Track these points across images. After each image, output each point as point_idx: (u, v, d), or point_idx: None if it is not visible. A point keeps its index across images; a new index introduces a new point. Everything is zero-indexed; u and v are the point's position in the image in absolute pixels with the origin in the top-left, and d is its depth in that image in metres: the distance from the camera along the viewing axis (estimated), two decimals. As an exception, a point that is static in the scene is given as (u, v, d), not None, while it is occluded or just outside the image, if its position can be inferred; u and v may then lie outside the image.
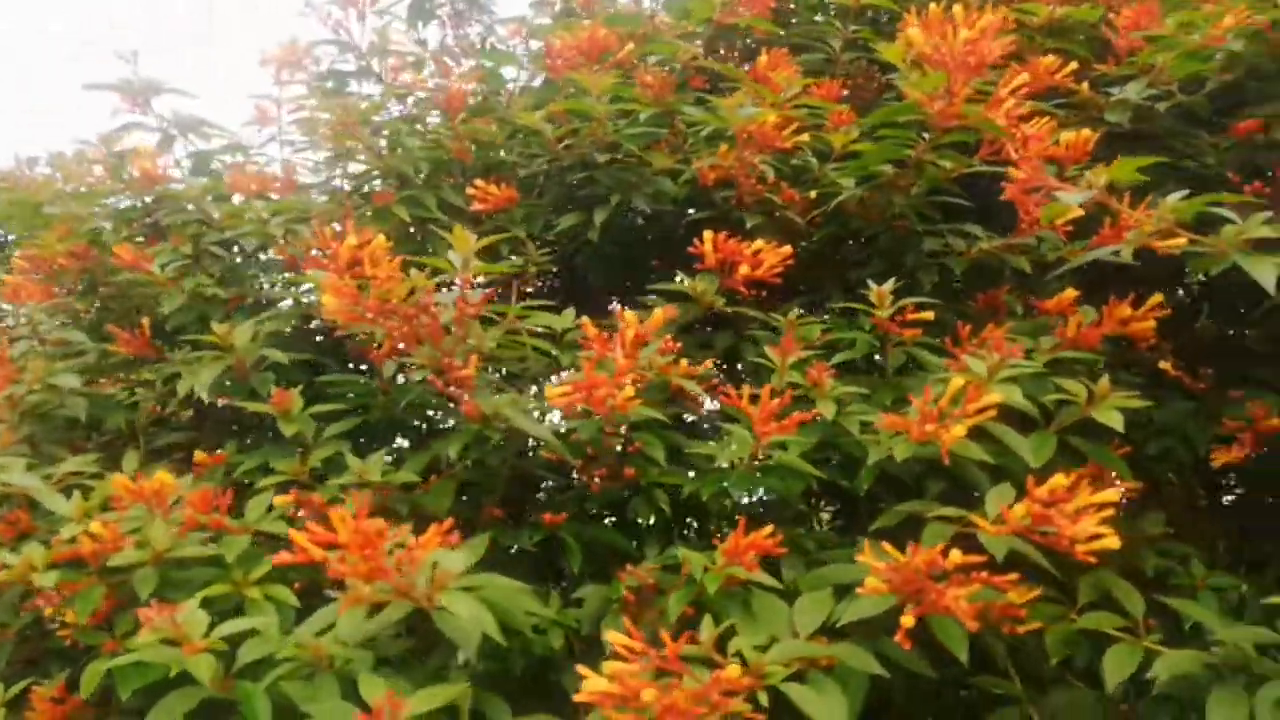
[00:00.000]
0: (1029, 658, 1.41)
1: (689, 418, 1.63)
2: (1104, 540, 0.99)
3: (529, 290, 2.09)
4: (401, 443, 1.72)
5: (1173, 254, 1.34)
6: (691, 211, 1.76)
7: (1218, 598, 1.43)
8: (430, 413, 1.62)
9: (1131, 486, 1.36)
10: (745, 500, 1.83)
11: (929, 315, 1.44)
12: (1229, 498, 2.10)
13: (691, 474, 1.40)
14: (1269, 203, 1.45)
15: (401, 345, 1.27)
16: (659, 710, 0.91)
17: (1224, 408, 1.52)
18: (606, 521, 1.51)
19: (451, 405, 1.37)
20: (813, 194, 1.63)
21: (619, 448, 1.35)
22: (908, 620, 0.96)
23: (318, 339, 1.63)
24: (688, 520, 1.64)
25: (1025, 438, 1.25)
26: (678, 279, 1.63)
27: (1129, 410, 1.65)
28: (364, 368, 1.70)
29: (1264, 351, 1.76)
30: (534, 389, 1.55)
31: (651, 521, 1.51)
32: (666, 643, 0.94)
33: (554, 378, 1.50)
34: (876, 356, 1.58)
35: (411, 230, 1.70)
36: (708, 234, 1.43)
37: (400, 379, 1.55)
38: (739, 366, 1.78)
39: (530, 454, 1.52)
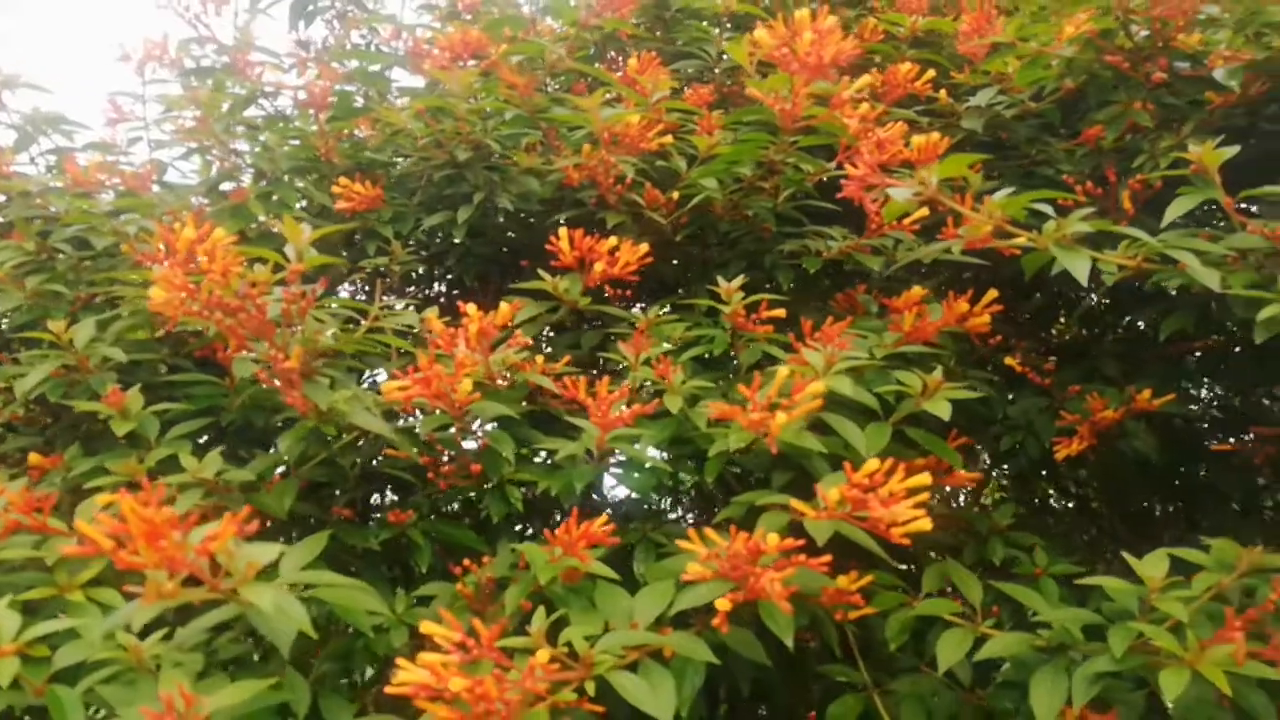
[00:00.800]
0: (884, 646, 1.44)
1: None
2: (918, 523, 1.01)
3: (426, 293, 2.08)
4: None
5: (1017, 253, 1.40)
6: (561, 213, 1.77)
7: (1063, 585, 1.48)
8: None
9: (970, 476, 1.40)
10: (613, 498, 1.84)
11: (781, 313, 1.47)
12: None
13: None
14: (1097, 202, 1.52)
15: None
16: (472, 700, 0.91)
17: (1068, 402, 1.58)
18: (466, 521, 1.50)
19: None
20: (675, 195, 1.65)
21: (471, 444, 1.34)
22: (723, 604, 0.98)
23: (168, 341, 1.59)
24: (550, 518, 1.64)
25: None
26: (547, 279, 1.63)
27: (985, 406, 1.72)
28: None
29: (1114, 351, 1.84)
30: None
31: (514, 521, 1.51)
32: (480, 632, 0.93)
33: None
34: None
35: (275, 230, 1.67)
36: (563, 231, 1.44)
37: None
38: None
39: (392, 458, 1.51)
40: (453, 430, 1.30)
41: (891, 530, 1.02)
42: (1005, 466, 1.93)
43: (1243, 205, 1.50)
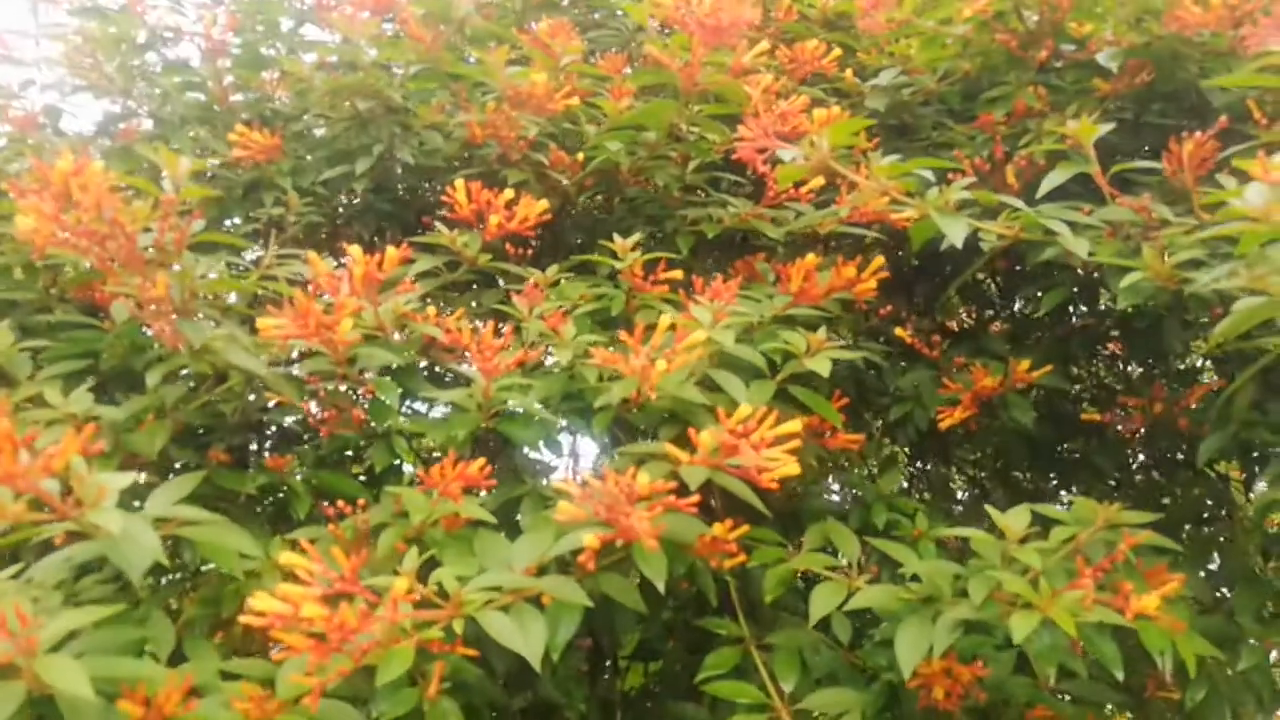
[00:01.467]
0: (769, 606, 1.47)
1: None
2: (786, 468, 1.03)
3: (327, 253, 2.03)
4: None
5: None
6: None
7: (943, 550, 1.52)
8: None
9: (851, 438, 1.43)
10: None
11: (679, 274, 1.49)
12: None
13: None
14: (985, 178, 1.57)
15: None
16: (330, 630, 0.90)
17: (954, 373, 1.62)
18: (353, 473, 1.48)
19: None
20: (580, 156, 1.65)
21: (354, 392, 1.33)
22: (591, 541, 0.98)
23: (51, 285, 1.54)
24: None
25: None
26: (445, 233, 1.62)
27: (878, 378, 1.76)
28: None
29: (1002, 331, 1.90)
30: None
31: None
32: (341, 562, 0.93)
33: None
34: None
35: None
36: (460, 182, 1.43)
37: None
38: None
39: (279, 406, 1.48)
40: (337, 376, 1.28)
41: (762, 475, 1.04)
42: (896, 440, 1.98)
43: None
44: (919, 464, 2.30)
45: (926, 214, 1.27)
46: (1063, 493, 2.06)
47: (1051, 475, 1.96)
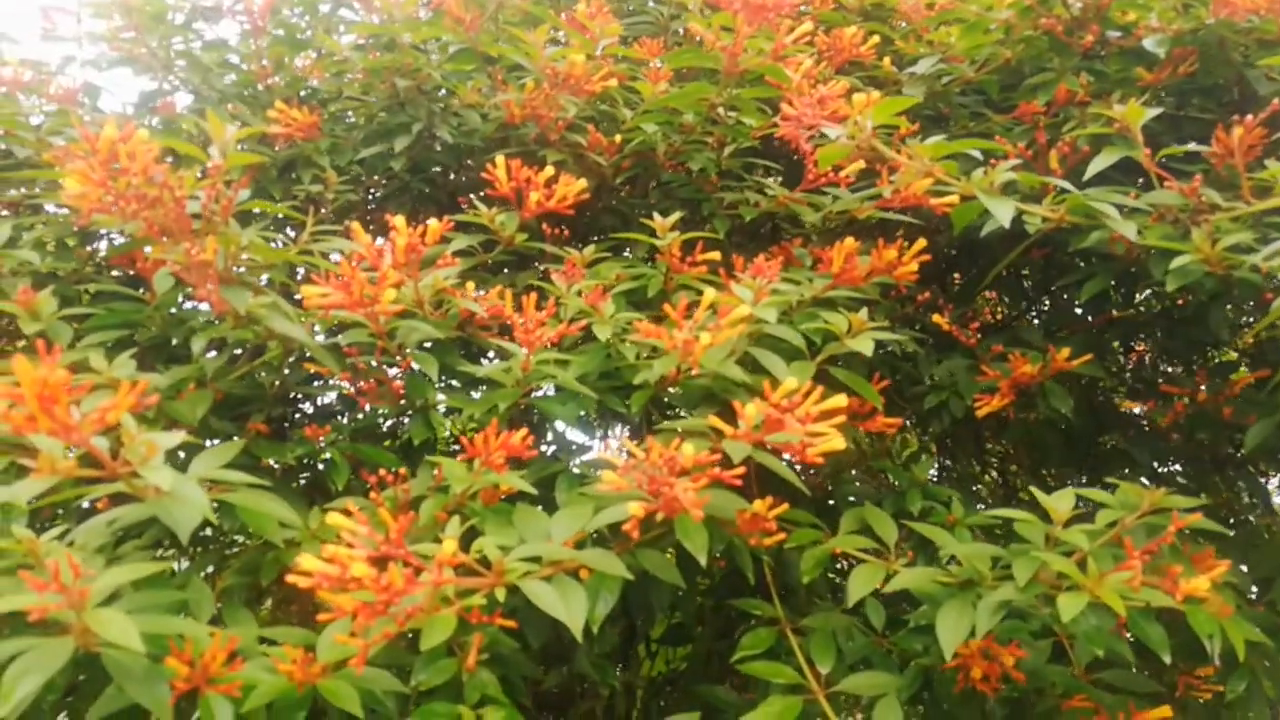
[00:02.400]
0: (803, 590, 1.46)
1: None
2: (832, 442, 1.02)
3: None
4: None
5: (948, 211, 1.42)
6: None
7: (978, 536, 1.51)
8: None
9: (891, 422, 1.42)
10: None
11: (716, 255, 1.48)
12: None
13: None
14: (1028, 165, 1.55)
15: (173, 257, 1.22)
16: (377, 590, 0.90)
17: (991, 361, 1.61)
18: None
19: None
20: (618, 138, 1.65)
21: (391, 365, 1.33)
22: (635, 509, 0.97)
23: (98, 255, 1.55)
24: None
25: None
26: (483, 210, 1.62)
27: (914, 366, 1.75)
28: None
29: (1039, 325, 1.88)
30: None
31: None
32: (389, 524, 0.92)
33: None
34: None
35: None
36: (500, 159, 1.43)
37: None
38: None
39: (321, 382, 1.49)
40: (376, 349, 1.28)
41: (807, 451, 1.03)
42: (927, 434, 1.96)
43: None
44: (947, 462, 2.28)
45: (971, 196, 1.26)
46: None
47: (1081, 473, 1.94)
